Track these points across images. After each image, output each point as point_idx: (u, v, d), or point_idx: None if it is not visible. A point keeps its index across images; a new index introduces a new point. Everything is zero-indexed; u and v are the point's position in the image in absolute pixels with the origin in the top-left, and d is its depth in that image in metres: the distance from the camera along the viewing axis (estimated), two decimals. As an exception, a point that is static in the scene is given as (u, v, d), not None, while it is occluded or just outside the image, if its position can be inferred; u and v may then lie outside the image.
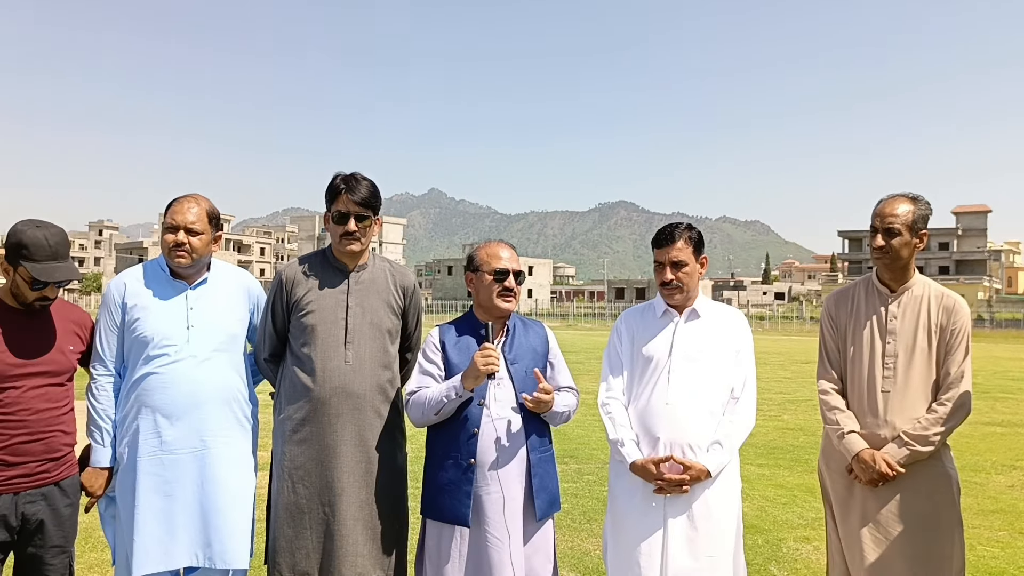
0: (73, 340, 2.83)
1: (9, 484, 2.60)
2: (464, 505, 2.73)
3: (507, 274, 2.89)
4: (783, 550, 4.97)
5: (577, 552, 4.85)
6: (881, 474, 2.77)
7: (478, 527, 2.75)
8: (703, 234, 3.01)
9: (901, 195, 2.94)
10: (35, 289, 2.63)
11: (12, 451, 2.60)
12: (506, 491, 2.75)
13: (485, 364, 2.67)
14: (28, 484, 2.64)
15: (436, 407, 2.77)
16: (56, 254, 2.62)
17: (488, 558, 2.71)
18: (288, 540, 2.83)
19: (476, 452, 2.76)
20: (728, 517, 2.80)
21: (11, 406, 2.60)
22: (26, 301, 2.67)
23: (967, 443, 8.73)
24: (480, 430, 2.77)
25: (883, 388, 2.88)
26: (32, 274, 2.57)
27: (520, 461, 2.79)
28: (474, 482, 2.75)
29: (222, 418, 2.89)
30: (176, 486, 2.81)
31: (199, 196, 2.98)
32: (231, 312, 3.02)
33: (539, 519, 2.81)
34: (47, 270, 2.59)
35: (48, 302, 2.72)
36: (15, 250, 2.59)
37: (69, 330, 2.83)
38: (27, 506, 2.63)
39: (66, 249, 2.67)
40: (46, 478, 2.68)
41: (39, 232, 2.61)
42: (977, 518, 5.71)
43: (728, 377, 2.88)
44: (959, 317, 2.86)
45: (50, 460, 2.69)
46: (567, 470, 7.13)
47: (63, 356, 2.76)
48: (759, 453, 8.19)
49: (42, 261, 2.59)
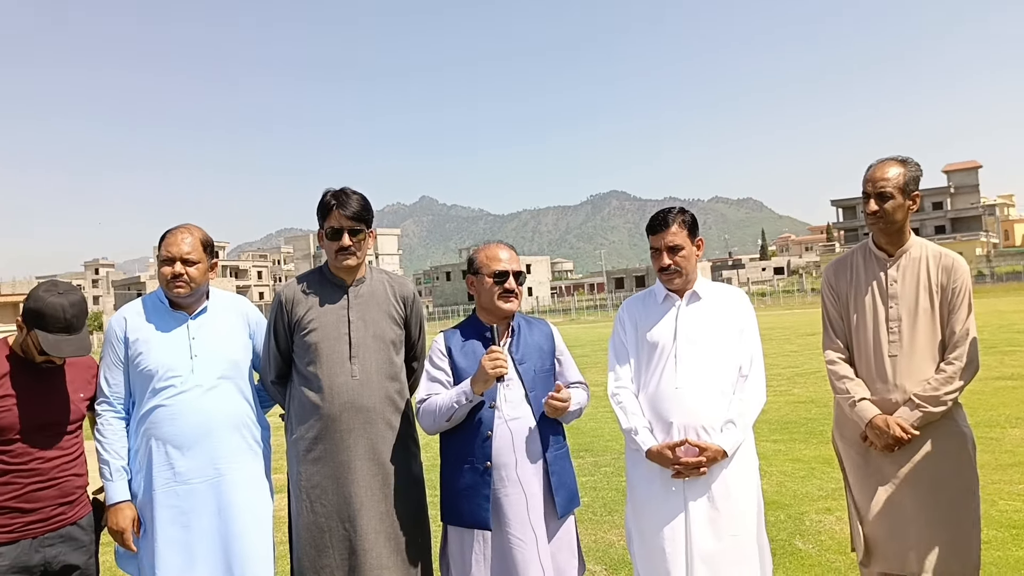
0: (84, 388, 2.84)
1: (26, 530, 2.62)
2: (484, 509, 2.73)
3: (507, 275, 2.89)
4: (806, 523, 4.97)
5: (601, 544, 4.85)
6: (896, 438, 2.77)
7: (500, 529, 2.75)
8: (697, 216, 3.01)
9: (890, 159, 2.94)
10: (41, 355, 2.66)
11: (27, 499, 2.62)
12: (527, 491, 2.76)
13: (494, 367, 2.67)
14: (45, 528, 2.65)
15: (447, 413, 2.77)
16: (70, 327, 2.63)
17: (513, 559, 2.71)
18: (312, 560, 2.83)
19: (492, 455, 2.76)
20: (748, 495, 2.80)
21: (23, 456, 2.62)
22: (34, 359, 2.69)
23: (979, 399, 8.73)
24: (494, 433, 2.77)
25: (890, 353, 2.88)
26: (41, 344, 2.59)
27: (536, 460, 2.80)
28: (492, 485, 2.75)
29: (233, 445, 2.89)
30: (193, 516, 2.80)
31: (191, 226, 2.98)
32: (233, 339, 3.03)
33: (560, 516, 2.81)
34: (56, 344, 2.61)
35: (53, 365, 2.74)
36: (31, 316, 2.61)
37: (81, 378, 2.85)
38: (47, 549, 2.65)
39: (82, 321, 2.69)
40: (62, 520, 2.70)
41: (57, 301, 2.62)
42: (996, 473, 5.71)
43: (735, 356, 2.88)
44: (959, 275, 2.87)
45: (64, 503, 2.71)
46: (583, 463, 7.13)
47: (74, 406, 2.78)
48: (773, 429, 8.20)
49: (54, 333, 2.61)
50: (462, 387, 2.77)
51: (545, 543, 2.76)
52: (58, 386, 2.75)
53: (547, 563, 2.73)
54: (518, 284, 2.91)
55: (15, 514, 2.60)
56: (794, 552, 4.46)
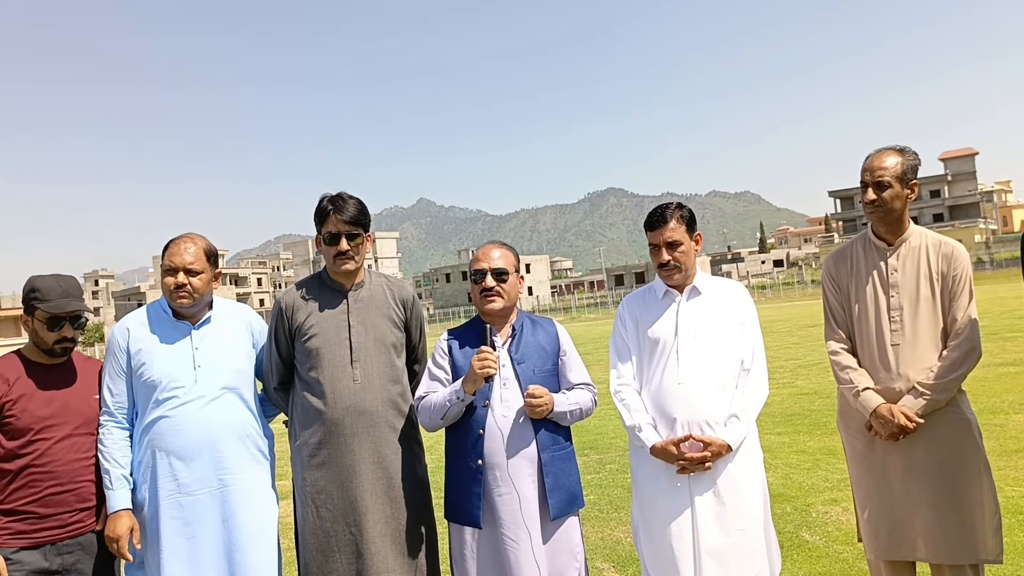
0: (97, 389, 2.89)
1: (43, 536, 2.64)
2: (475, 507, 2.74)
3: (484, 274, 2.88)
4: (812, 515, 4.97)
5: (608, 542, 4.85)
6: (901, 427, 2.77)
7: (494, 529, 2.75)
8: (695, 211, 3.01)
9: (888, 148, 2.94)
10: (53, 330, 2.72)
11: (44, 503, 2.64)
12: (519, 491, 2.74)
13: (481, 367, 2.68)
14: (63, 535, 2.67)
15: (441, 411, 2.79)
16: (67, 294, 2.75)
17: (506, 560, 2.71)
18: (319, 565, 2.83)
19: (484, 453, 2.76)
20: (753, 489, 2.80)
21: (40, 458, 2.65)
22: (47, 346, 2.75)
23: (982, 386, 8.73)
24: (486, 432, 2.77)
25: (892, 342, 2.88)
26: (46, 311, 2.68)
27: (530, 460, 2.77)
28: (484, 483, 2.75)
29: (237, 455, 2.88)
30: (198, 527, 2.79)
31: (195, 235, 2.98)
32: (237, 348, 3.02)
33: (553, 518, 2.77)
34: (59, 304, 2.71)
35: (69, 344, 2.79)
36: (29, 297, 2.73)
37: (93, 380, 2.89)
38: (66, 557, 2.67)
39: (78, 292, 2.81)
40: (81, 528, 2.72)
41: (50, 277, 2.77)
42: (1001, 459, 5.71)
43: (736, 350, 2.87)
44: (959, 263, 2.86)
45: (83, 510, 2.73)
46: (588, 462, 7.13)
47: (88, 407, 2.82)
48: (777, 421, 8.20)
49: (54, 299, 2.72)
50: (454, 386, 2.79)
51: (540, 545, 2.74)
52: (72, 384, 2.80)
53: (543, 565, 2.71)
54: (499, 282, 2.87)
55: (33, 519, 2.62)
56: (801, 544, 4.46)
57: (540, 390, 2.75)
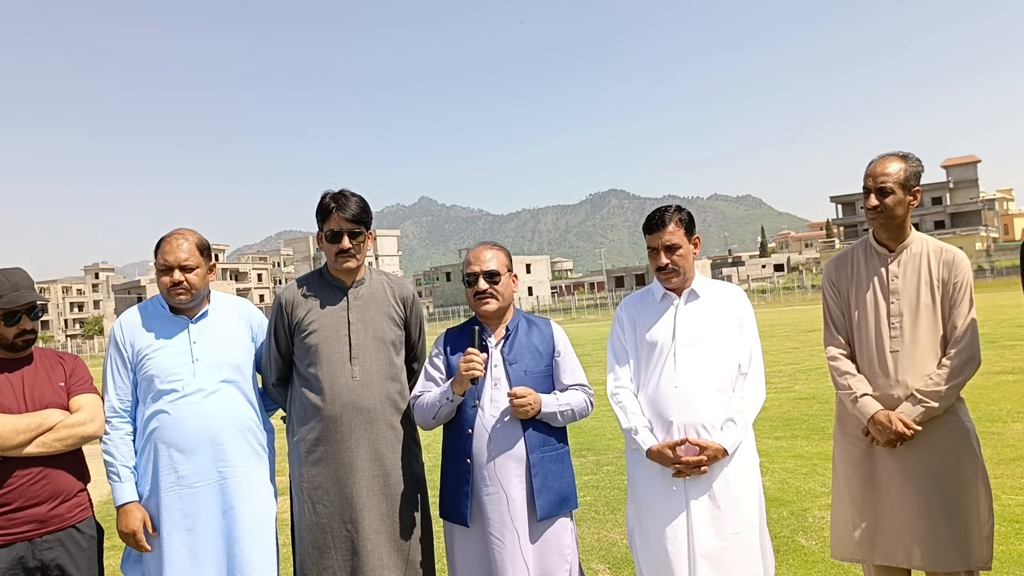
0: (58, 374, 2.81)
1: (20, 533, 2.57)
2: (463, 505, 2.76)
3: (476, 277, 2.88)
4: (809, 520, 4.97)
5: (604, 543, 4.85)
6: (898, 434, 2.76)
7: (482, 528, 2.76)
8: (696, 214, 3.01)
9: (891, 154, 2.93)
10: (10, 325, 2.67)
11: (17, 494, 2.57)
12: (507, 491, 2.74)
13: (467, 369, 2.70)
14: (43, 531, 2.62)
15: (432, 411, 2.81)
16: (18, 287, 2.69)
17: (492, 558, 2.72)
18: (314, 561, 2.83)
19: (472, 452, 2.77)
20: (749, 492, 2.80)
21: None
22: (8, 341, 2.69)
23: (981, 394, 8.73)
24: (474, 431, 2.78)
25: (892, 348, 2.88)
26: (1, 307, 2.62)
27: (518, 461, 2.77)
28: (472, 482, 2.76)
29: (236, 448, 2.89)
30: (197, 519, 2.80)
31: (186, 231, 2.97)
32: (234, 342, 3.02)
33: (540, 519, 2.76)
34: (12, 299, 2.66)
35: (31, 335, 2.74)
36: None
37: (56, 369, 2.82)
38: (45, 553, 2.61)
39: (29, 283, 2.75)
40: (60, 522, 2.66)
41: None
42: (998, 467, 5.71)
43: (734, 354, 2.87)
44: (960, 270, 2.86)
45: (61, 502, 2.67)
46: (585, 463, 7.13)
47: (55, 395, 2.74)
48: (775, 426, 8.20)
49: (6, 294, 2.66)
50: (444, 387, 2.81)
51: (528, 545, 2.74)
52: (34, 375, 2.74)
53: (532, 565, 2.72)
54: (491, 284, 2.87)
55: (9, 514, 2.56)
56: (797, 549, 4.46)
57: (523, 390, 2.74)
